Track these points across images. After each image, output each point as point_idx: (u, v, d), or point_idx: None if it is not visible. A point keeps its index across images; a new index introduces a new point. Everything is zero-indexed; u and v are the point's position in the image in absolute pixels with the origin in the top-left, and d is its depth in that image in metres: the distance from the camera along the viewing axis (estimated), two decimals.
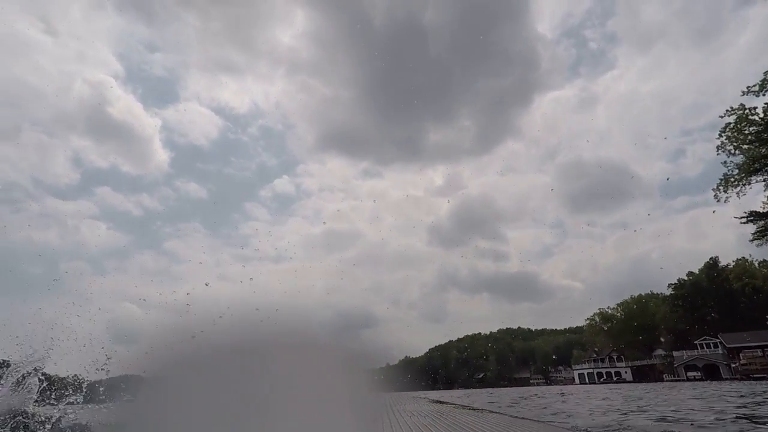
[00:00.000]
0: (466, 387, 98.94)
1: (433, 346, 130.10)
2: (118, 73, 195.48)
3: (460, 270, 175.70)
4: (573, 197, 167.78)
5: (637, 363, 67.92)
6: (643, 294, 77.54)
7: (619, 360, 70.37)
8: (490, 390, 56.53)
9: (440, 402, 13.13)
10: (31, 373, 6.85)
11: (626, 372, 67.85)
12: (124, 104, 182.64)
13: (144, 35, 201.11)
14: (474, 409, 9.28)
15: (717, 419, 7.26)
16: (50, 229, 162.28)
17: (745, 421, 6.89)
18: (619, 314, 78.82)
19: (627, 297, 78.87)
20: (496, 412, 8.36)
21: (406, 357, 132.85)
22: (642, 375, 65.03)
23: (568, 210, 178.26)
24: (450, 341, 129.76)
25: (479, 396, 27.92)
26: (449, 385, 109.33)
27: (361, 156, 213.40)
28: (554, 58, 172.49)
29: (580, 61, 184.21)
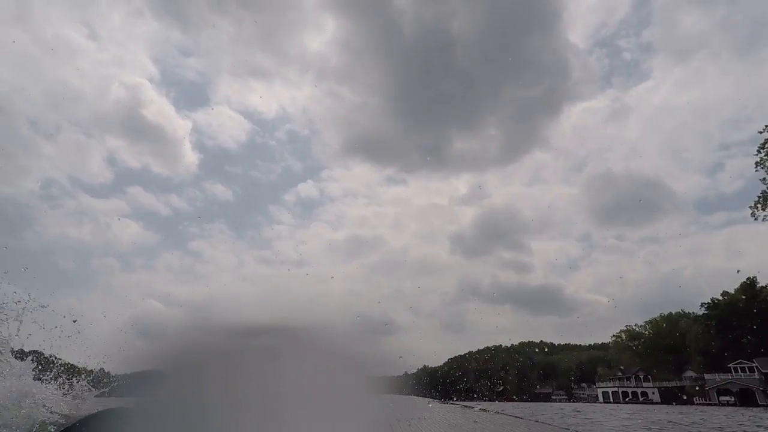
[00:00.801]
0: (487, 399, 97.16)
1: (452, 356, 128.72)
2: (153, 77, 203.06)
3: (481, 280, 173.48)
4: (601, 210, 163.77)
5: (666, 384, 65.26)
6: (673, 312, 74.71)
7: (646, 380, 67.75)
8: (502, 404, 55.35)
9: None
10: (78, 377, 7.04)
11: (653, 393, 65.23)
12: (158, 107, 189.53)
13: (179, 40, 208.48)
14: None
15: None
16: (84, 225, 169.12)
17: None
18: (647, 332, 76.13)
19: (656, 315, 76.25)
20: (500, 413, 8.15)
21: (424, 366, 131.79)
22: (670, 397, 62.35)
23: (596, 223, 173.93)
24: (470, 352, 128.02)
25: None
26: (468, 396, 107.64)
27: (385, 162, 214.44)
28: (586, 68, 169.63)
29: (612, 71, 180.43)
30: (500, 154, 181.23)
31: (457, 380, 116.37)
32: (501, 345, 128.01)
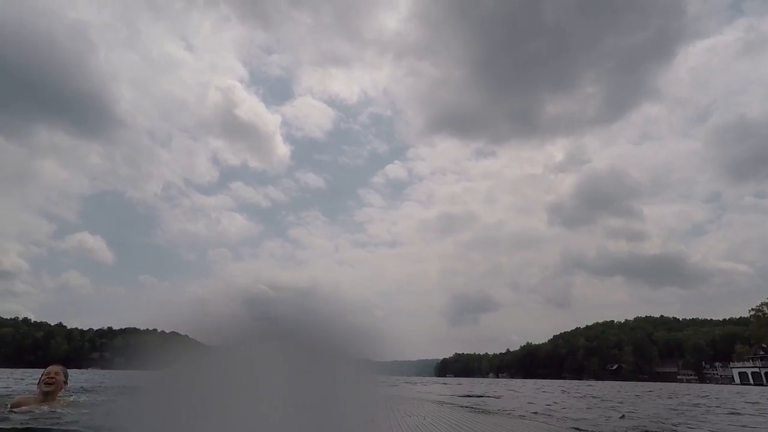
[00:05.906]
0: (598, 378, 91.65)
1: (557, 333, 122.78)
2: (243, 77, 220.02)
3: (586, 251, 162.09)
4: (733, 164, 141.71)
5: None
6: None
7: None
8: (615, 383, 51.71)
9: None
10: None
11: None
12: (249, 105, 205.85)
13: (262, 39, 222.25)
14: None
15: None
16: (199, 221, 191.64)
17: None
18: None
19: None
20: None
21: (528, 343, 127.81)
22: None
23: (727, 180, 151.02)
24: (577, 328, 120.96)
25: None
26: (577, 374, 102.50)
27: (473, 136, 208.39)
28: None
29: None
30: (601, 113, 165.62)
31: (563, 358, 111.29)
32: (613, 320, 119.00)
